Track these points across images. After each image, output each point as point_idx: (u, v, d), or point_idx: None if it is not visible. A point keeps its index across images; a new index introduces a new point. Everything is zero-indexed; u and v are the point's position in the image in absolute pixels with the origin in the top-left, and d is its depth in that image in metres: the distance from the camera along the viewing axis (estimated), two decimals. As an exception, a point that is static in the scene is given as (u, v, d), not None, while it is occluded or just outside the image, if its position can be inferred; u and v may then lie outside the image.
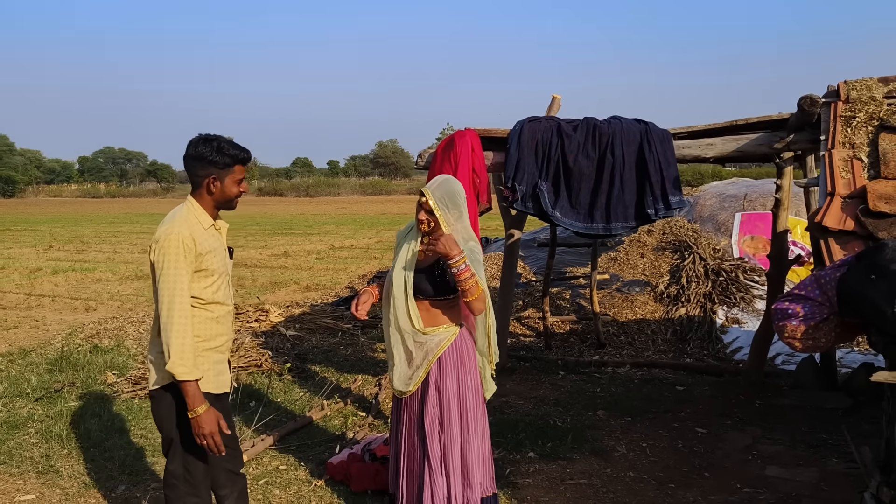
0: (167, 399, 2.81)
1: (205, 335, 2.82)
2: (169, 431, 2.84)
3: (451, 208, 3.13)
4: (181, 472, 2.85)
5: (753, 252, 8.31)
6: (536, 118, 5.07)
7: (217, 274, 2.83)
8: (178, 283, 2.66)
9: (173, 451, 2.86)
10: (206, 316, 2.83)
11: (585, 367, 6.46)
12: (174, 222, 2.73)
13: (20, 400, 5.60)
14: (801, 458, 4.35)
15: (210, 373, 2.84)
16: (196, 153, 2.77)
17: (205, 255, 2.75)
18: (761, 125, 5.09)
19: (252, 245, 18.56)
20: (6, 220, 30.09)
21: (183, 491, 2.86)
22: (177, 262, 2.66)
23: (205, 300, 2.80)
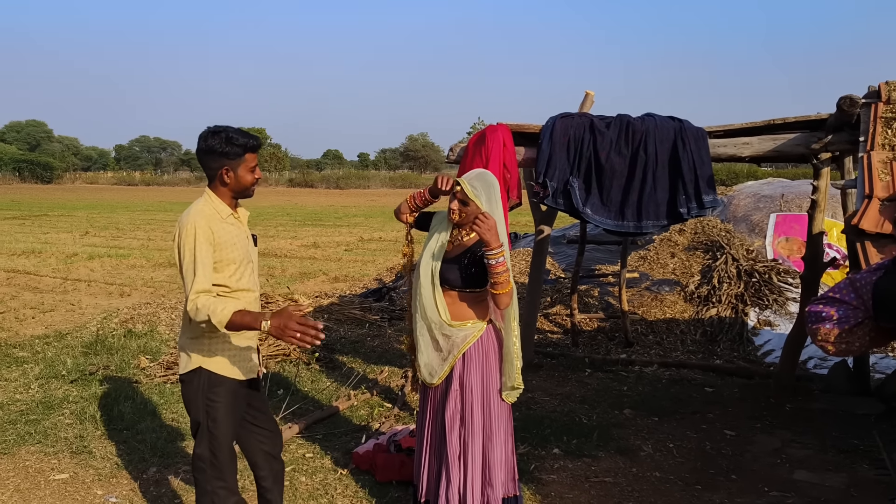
0: (195, 383, 2.87)
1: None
2: (197, 415, 2.90)
3: (488, 198, 3.11)
4: (208, 456, 2.90)
5: (788, 254, 8.19)
6: (569, 114, 5.04)
7: (239, 262, 2.86)
8: (200, 256, 2.70)
9: (200, 435, 2.92)
10: (234, 305, 2.86)
11: (612, 366, 6.43)
12: (191, 214, 2.78)
13: (56, 381, 5.74)
14: (830, 464, 4.29)
15: (237, 358, 2.90)
16: (206, 146, 2.80)
17: (223, 246, 2.79)
18: (799, 125, 5.00)
19: (282, 235, 18.74)
20: (44, 206, 30.76)
21: (210, 475, 2.91)
22: (195, 239, 2.71)
23: (230, 288, 2.85)
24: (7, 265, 12.65)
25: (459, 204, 3.11)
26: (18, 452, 4.37)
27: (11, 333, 7.55)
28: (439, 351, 3.18)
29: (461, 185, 3.10)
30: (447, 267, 3.15)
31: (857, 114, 4.40)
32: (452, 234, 3.23)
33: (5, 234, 18.45)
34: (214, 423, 2.87)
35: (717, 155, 4.97)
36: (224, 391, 2.88)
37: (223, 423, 2.89)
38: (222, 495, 2.95)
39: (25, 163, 64.36)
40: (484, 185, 3.13)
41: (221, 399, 2.88)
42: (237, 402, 2.94)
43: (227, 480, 2.95)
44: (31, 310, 8.88)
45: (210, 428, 2.88)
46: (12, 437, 4.58)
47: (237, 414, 2.97)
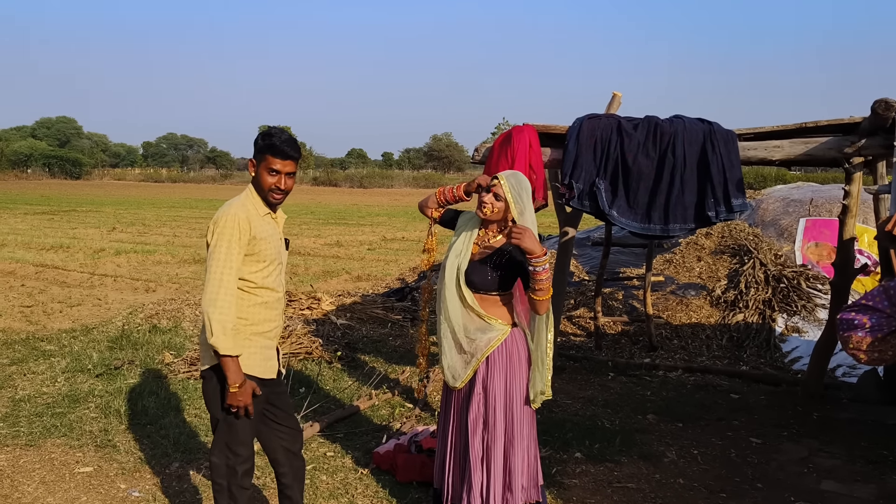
0: (215, 380, 2.90)
1: (252, 319, 2.91)
2: (216, 412, 2.94)
3: (521, 198, 3.10)
4: (225, 452, 2.94)
5: (817, 259, 8.05)
6: (596, 115, 4.99)
7: (269, 261, 2.91)
8: (228, 261, 2.77)
9: (218, 432, 2.95)
10: (254, 300, 2.92)
11: (636, 370, 6.37)
12: (232, 206, 2.85)
13: (81, 375, 5.81)
14: (859, 474, 4.20)
15: (256, 357, 2.93)
16: (258, 146, 2.91)
17: (259, 239, 2.85)
18: (831, 128, 4.90)
19: (306, 234, 18.85)
20: (72, 201, 31.25)
21: (226, 472, 2.95)
22: (230, 243, 2.78)
23: (255, 284, 2.89)
24: (36, 259, 12.86)
25: (494, 198, 3.09)
26: (44, 445, 4.42)
27: (39, 327, 7.67)
28: (463, 354, 3.16)
29: (499, 179, 3.10)
30: (473, 269, 3.12)
31: (892, 118, 4.30)
32: (479, 236, 3.20)
33: (35, 228, 18.76)
34: (234, 419, 2.90)
35: (747, 158, 4.88)
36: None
37: (241, 420, 2.91)
38: (237, 492, 2.97)
39: (55, 158, 65.53)
40: (518, 186, 3.12)
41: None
42: (256, 401, 2.95)
43: (240, 478, 2.97)
44: (59, 304, 9.01)
45: (229, 424, 2.91)
46: (38, 430, 4.64)
47: (256, 411, 2.98)
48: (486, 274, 3.10)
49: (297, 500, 3.23)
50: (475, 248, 3.18)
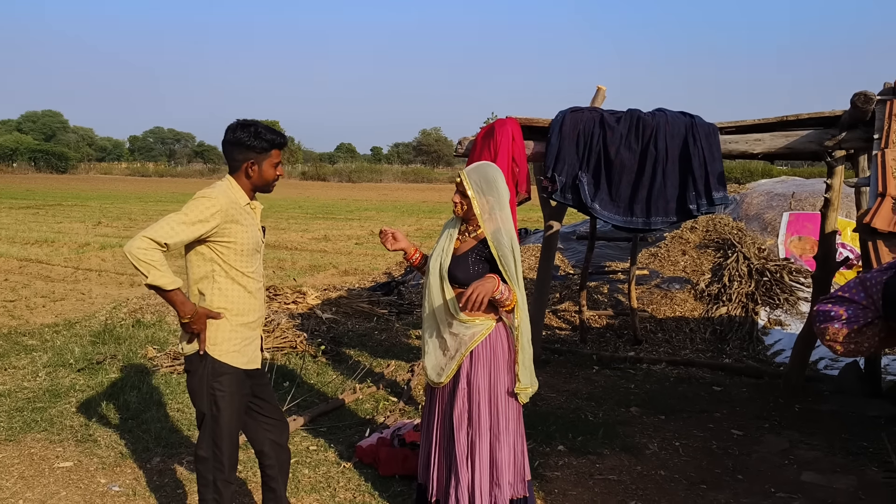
0: (200, 371, 2.89)
1: (238, 309, 2.91)
2: (201, 405, 2.92)
3: (487, 192, 3.06)
4: (210, 446, 2.93)
5: (800, 253, 8.10)
6: (579, 108, 4.99)
7: (250, 250, 2.92)
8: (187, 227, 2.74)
9: (204, 426, 2.93)
10: (239, 290, 2.92)
11: (620, 363, 6.39)
12: (215, 189, 2.85)
13: (63, 370, 5.77)
14: (839, 466, 4.23)
15: (240, 346, 2.93)
16: (234, 138, 2.87)
17: (240, 229, 2.85)
18: (812, 122, 4.93)
19: (293, 228, 18.78)
20: (58, 195, 30.98)
21: (212, 465, 2.93)
22: (200, 214, 2.75)
23: (242, 272, 2.90)
24: (20, 254, 12.75)
25: (459, 196, 3.11)
26: (24, 440, 4.39)
27: (22, 322, 7.60)
28: (446, 351, 3.14)
29: (461, 176, 3.10)
30: (455, 264, 3.11)
31: (871, 111, 4.32)
32: (461, 230, 3.20)
33: (19, 223, 18.59)
34: (219, 412, 2.89)
35: (729, 151, 4.90)
36: (228, 380, 2.90)
37: (227, 413, 2.91)
38: (222, 487, 2.96)
39: (41, 153, 64.93)
40: (482, 178, 3.08)
41: (226, 388, 2.90)
42: (241, 392, 2.96)
43: (226, 472, 2.95)
44: (42, 298, 8.94)
45: (215, 417, 2.90)
46: (19, 425, 4.60)
47: (242, 404, 2.98)
48: (468, 268, 3.09)
49: (280, 493, 3.22)
50: (457, 244, 3.17)
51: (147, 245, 2.66)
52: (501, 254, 3.02)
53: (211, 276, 2.87)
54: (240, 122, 2.89)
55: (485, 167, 3.15)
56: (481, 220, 3.06)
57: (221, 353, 2.88)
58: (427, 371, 3.20)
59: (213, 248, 2.85)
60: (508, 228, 3.08)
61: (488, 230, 3.04)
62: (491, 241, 3.03)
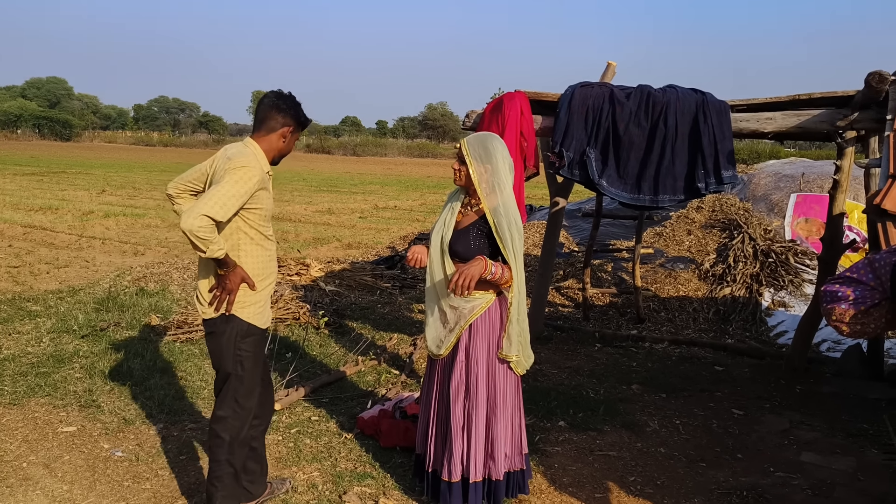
0: (227, 333, 2.95)
1: (263, 273, 3.01)
2: (227, 366, 2.99)
3: (484, 160, 3.04)
4: (232, 406, 3.01)
5: (807, 235, 8.07)
6: (589, 83, 4.93)
7: (269, 215, 3.02)
8: (237, 197, 2.77)
9: (227, 386, 3.01)
10: (266, 254, 3.03)
11: (622, 341, 6.39)
12: (247, 157, 2.87)
13: (67, 336, 5.79)
14: (838, 447, 4.24)
15: (262, 307, 3.03)
16: (283, 104, 2.97)
17: (263, 191, 2.93)
18: (824, 101, 4.86)
19: (297, 200, 18.74)
20: (62, 163, 30.92)
21: (230, 425, 3.01)
22: (247, 182, 2.79)
23: (265, 236, 3.00)
24: (24, 220, 12.75)
25: (458, 162, 3.10)
26: (28, 404, 4.41)
27: (26, 287, 7.62)
28: (446, 323, 3.15)
29: (460, 143, 3.09)
30: (456, 238, 3.11)
31: (885, 91, 4.26)
32: (463, 203, 3.18)
33: (24, 189, 18.58)
34: (244, 372, 2.99)
35: (739, 130, 4.85)
36: (253, 341, 3.01)
37: (251, 373, 3.01)
38: (238, 447, 3.04)
39: (45, 119, 64.68)
40: (480, 146, 3.06)
41: (251, 349, 3.00)
42: (262, 351, 3.08)
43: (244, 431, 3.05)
44: (46, 265, 8.95)
45: (240, 377, 2.99)
46: (23, 389, 4.62)
47: (262, 363, 3.10)
48: (468, 243, 3.08)
49: (261, 452, 3.30)
50: (459, 217, 3.16)
51: (206, 223, 2.69)
52: (500, 230, 3.00)
53: (237, 243, 2.93)
54: (289, 93, 3.02)
55: (486, 136, 3.12)
56: (480, 192, 3.04)
57: (249, 315, 2.97)
58: (427, 342, 3.23)
59: (242, 216, 2.90)
60: (509, 204, 3.05)
61: (489, 205, 3.02)
62: (491, 217, 3.01)
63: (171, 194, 3.07)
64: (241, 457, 3.06)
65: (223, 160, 2.88)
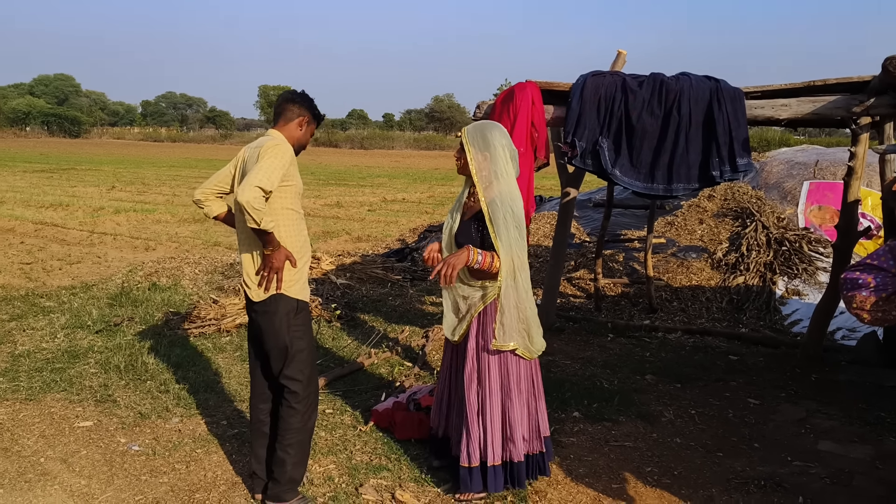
0: (280, 312, 3.07)
1: (303, 249, 3.14)
2: (284, 342, 3.09)
3: (483, 148, 3.10)
4: (299, 376, 3.14)
5: (820, 222, 8.00)
6: (600, 72, 4.89)
7: (301, 191, 3.14)
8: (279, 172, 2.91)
9: (290, 359, 3.12)
10: (301, 231, 3.15)
11: (635, 332, 6.36)
12: (278, 138, 3.08)
13: (81, 331, 5.81)
14: (856, 435, 4.21)
15: (306, 283, 3.18)
16: (297, 97, 3.16)
17: (294, 169, 3.07)
18: (840, 87, 4.80)
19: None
20: (71, 160, 31.05)
21: (302, 395, 3.15)
22: (284, 160, 2.96)
23: (299, 213, 3.13)
24: (35, 217, 12.81)
25: (459, 152, 3.20)
26: (44, 399, 4.43)
27: (39, 284, 7.66)
28: (458, 312, 3.29)
29: (461, 132, 3.18)
30: (461, 230, 3.22)
31: (902, 76, 4.21)
32: (469, 194, 3.28)
33: (34, 186, 18.67)
34: (306, 345, 3.14)
35: (754, 117, 4.80)
36: (305, 315, 3.16)
37: (309, 344, 3.16)
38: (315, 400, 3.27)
39: (54, 116, 64.99)
40: (479, 133, 3.13)
41: (304, 322, 3.15)
42: (311, 324, 3.23)
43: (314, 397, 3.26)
44: (59, 261, 8.99)
45: (301, 349, 3.12)
46: (38, 384, 4.65)
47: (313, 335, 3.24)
48: (470, 234, 3.17)
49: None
50: (465, 208, 3.27)
51: (259, 195, 2.81)
52: (494, 219, 3.04)
53: (278, 220, 3.01)
54: (299, 91, 3.18)
55: (485, 124, 3.18)
56: (478, 183, 3.10)
57: (296, 292, 3.10)
58: (444, 328, 3.39)
59: (280, 193, 3.00)
60: (508, 192, 3.08)
61: (486, 198, 3.08)
62: (486, 208, 3.06)
63: (199, 199, 3.24)
64: (311, 425, 3.26)
65: (253, 150, 3.04)
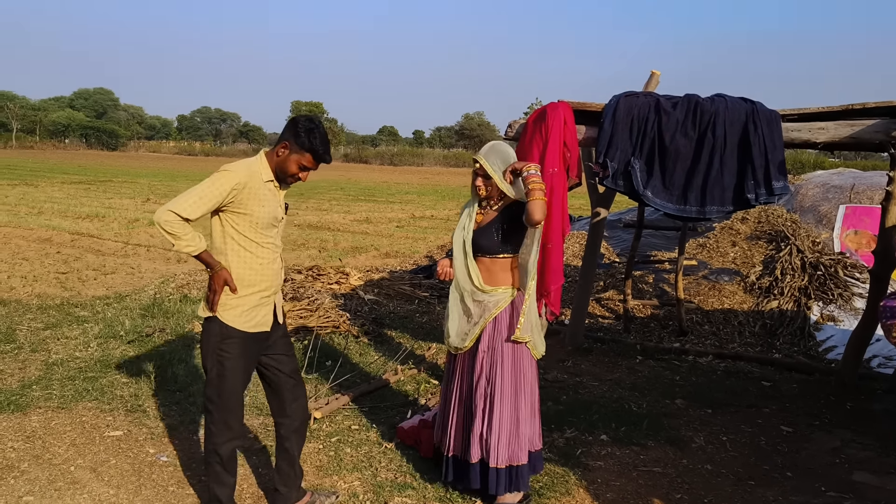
0: (210, 332, 3.04)
1: (250, 280, 3.04)
2: (206, 363, 3.06)
3: (503, 166, 3.34)
4: (215, 398, 3.05)
5: (856, 247, 7.85)
6: (634, 93, 4.87)
7: (265, 222, 3.02)
8: (206, 198, 2.89)
9: (208, 379, 3.07)
10: (254, 261, 3.03)
11: (665, 354, 6.28)
12: (239, 163, 3.01)
13: (114, 341, 5.89)
14: (892, 467, 4.09)
15: (250, 311, 3.04)
16: (291, 122, 3.06)
17: (252, 199, 2.96)
18: (879, 111, 4.73)
19: (335, 210, 18.90)
20: (108, 172, 31.70)
21: (216, 417, 3.06)
22: (217, 185, 2.90)
23: (255, 241, 3.02)
24: (72, 227, 13.08)
25: (483, 180, 3.38)
26: (76, 408, 4.50)
27: (74, 293, 7.80)
28: (470, 318, 3.43)
29: (479, 161, 3.35)
30: (481, 234, 3.39)
31: (944, 100, 4.13)
32: (482, 206, 3.47)
33: (71, 197, 19.08)
34: (224, 373, 3.02)
35: (790, 140, 4.74)
36: (234, 344, 3.03)
37: (231, 376, 3.03)
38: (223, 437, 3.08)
39: (92, 129, 66.49)
40: (498, 156, 3.36)
41: (232, 351, 3.02)
42: (247, 356, 3.07)
43: (232, 426, 3.09)
44: (94, 271, 9.16)
45: (220, 376, 3.02)
46: (70, 393, 4.72)
47: (247, 367, 3.10)
48: (491, 236, 3.36)
49: (293, 454, 3.31)
50: (479, 217, 3.45)
51: (172, 218, 2.84)
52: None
53: (224, 248, 3.01)
54: (312, 117, 3.09)
55: (496, 145, 3.44)
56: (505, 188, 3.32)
57: (232, 318, 3.01)
58: (451, 336, 3.50)
59: (229, 220, 2.98)
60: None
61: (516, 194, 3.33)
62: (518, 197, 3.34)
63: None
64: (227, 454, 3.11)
65: None
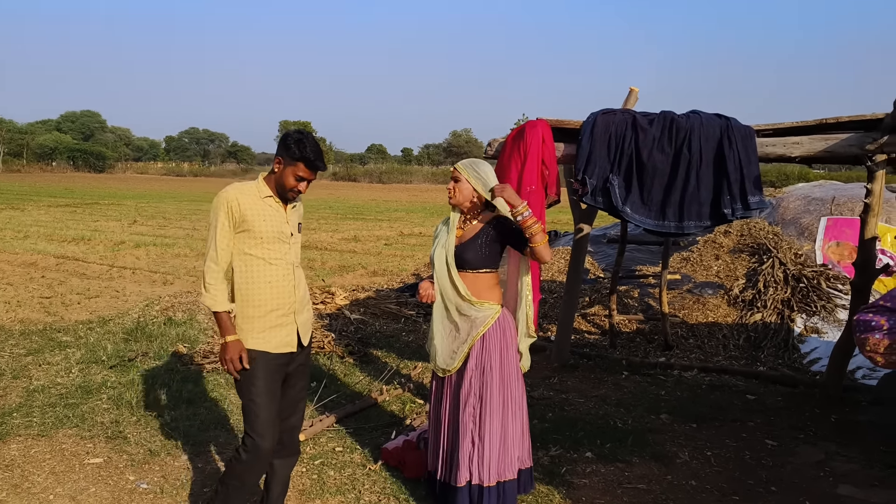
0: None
1: (260, 300, 3.02)
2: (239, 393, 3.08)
3: (480, 177, 3.34)
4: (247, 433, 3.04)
5: (838, 259, 7.91)
6: (611, 110, 4.92)
7: (267, 237, 3.02)
8: (217, 231, 2.97)
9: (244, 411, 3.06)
10: (264, 279, 3.03)
11: (650, 369, 6.28)
12: (230, 186, 3.06)
13: (95, 366, 5.84)
14: (876, 479, 4.10)
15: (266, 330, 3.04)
16: (283, 137, 3.09)
17: (250, 217, 2.99)
18: (853, 125, 4.79)
19: (323, 228, 18.88)
20: (95, 194, 31.57)
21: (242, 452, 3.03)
22: (217, 215, 2.99)
23: (265, 260, 3.02)
24: (57, 251, 13.00)
25: (453, 183, 3.39)
26: (56, 435, 4.45)
27: (57, 318, 7.74)
28: (457, 335, 3.38)
29: (456, 166, 3.42)
30: (464, 249, 3.35)
31: (915, 114, 4.19)
32: (461, 222, 3.46)
33: (57, 221, 18.97)
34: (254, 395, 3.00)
35: (766, 154, 4.79)
36: (258, 365, 3.01)
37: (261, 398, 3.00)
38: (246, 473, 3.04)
39: (79, 152, 66.32)
40: (474, 165, 3.38)
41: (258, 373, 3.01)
42: (274, 376, 3.05)
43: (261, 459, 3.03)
44: (78, 295, 9.09)
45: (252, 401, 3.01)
46: (51, 420, 4.67)
47: (275, 387, 3.06)
48: (476, 249, 3.33)
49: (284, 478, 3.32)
50: (460, 233, 3.43)
51: (208, 268, 2.98)
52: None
53: (236, 268, 3.03)
54: (297, 130, 3.09)
55: (475, 160, 3.47)
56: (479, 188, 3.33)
57: (247, 340, 3.01)
58: (437, 357, 3.44)
59: (238, 239, 3.02)
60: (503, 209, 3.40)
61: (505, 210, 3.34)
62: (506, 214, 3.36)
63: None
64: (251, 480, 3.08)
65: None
